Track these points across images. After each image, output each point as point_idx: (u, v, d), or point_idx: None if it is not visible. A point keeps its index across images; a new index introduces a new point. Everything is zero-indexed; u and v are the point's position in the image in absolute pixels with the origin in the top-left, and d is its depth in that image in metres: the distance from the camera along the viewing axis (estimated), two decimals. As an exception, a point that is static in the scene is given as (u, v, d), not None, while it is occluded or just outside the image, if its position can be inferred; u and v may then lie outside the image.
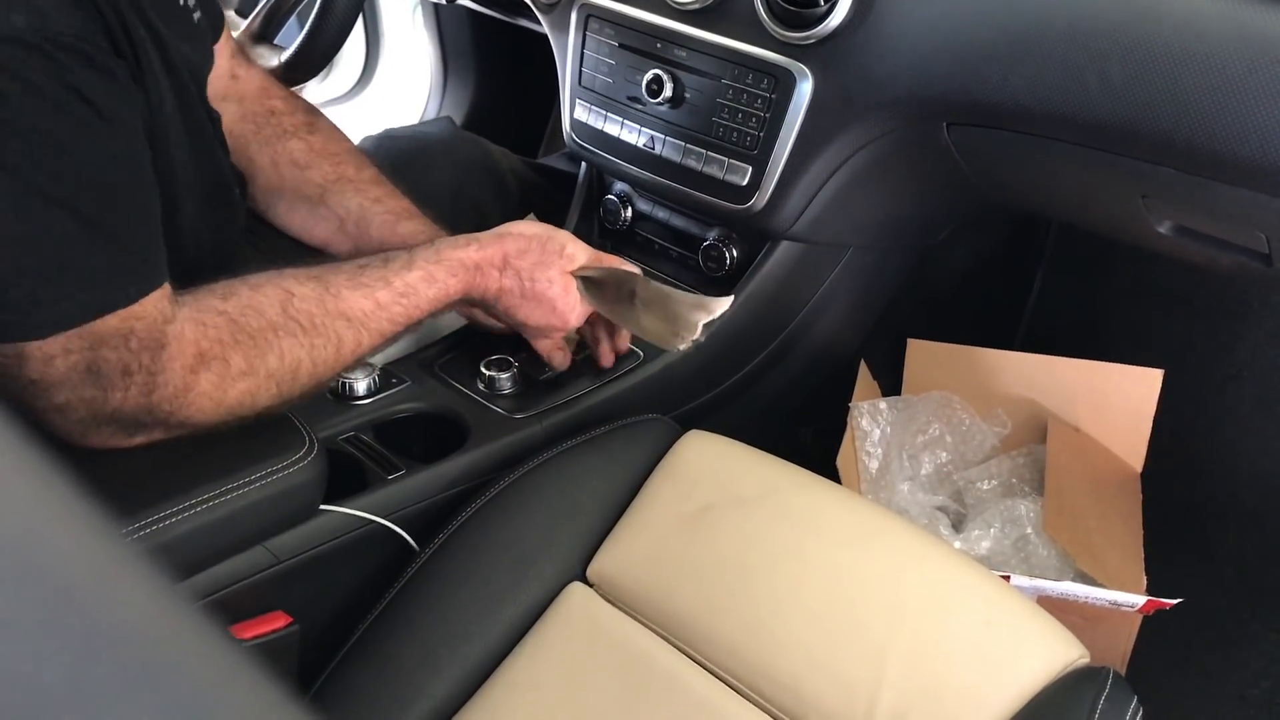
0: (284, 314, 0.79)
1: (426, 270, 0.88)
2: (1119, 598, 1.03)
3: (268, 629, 0.81)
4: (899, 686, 0.75)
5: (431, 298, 0.88)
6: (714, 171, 1.07)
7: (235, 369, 0.76)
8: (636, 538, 0.87)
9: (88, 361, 0.70)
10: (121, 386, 0.72)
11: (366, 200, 1.04)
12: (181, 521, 0.74)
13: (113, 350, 0.71)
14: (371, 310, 0.84)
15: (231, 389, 0.76)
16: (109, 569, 0.23)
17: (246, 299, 0.78)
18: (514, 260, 0.92)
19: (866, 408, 1.23)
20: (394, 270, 0.86)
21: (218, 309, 0.76)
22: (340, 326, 0.82)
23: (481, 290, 0.91)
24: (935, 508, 1.22)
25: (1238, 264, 0.92)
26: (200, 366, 0.74)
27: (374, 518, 0.87)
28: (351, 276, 0.84)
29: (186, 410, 0.75)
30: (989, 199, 1.15)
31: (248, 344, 0.77)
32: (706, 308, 0.96)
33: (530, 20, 1.31)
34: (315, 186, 1.04)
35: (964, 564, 0.83)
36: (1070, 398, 1.29)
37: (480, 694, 0.79)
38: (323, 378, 0.83)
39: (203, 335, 0.75)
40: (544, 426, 0.99)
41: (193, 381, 0.74)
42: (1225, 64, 0.76)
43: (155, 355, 0.72)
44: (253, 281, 0.80)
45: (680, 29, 1.06)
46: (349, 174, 1.05)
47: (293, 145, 1.05)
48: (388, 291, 0.85)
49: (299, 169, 1.04)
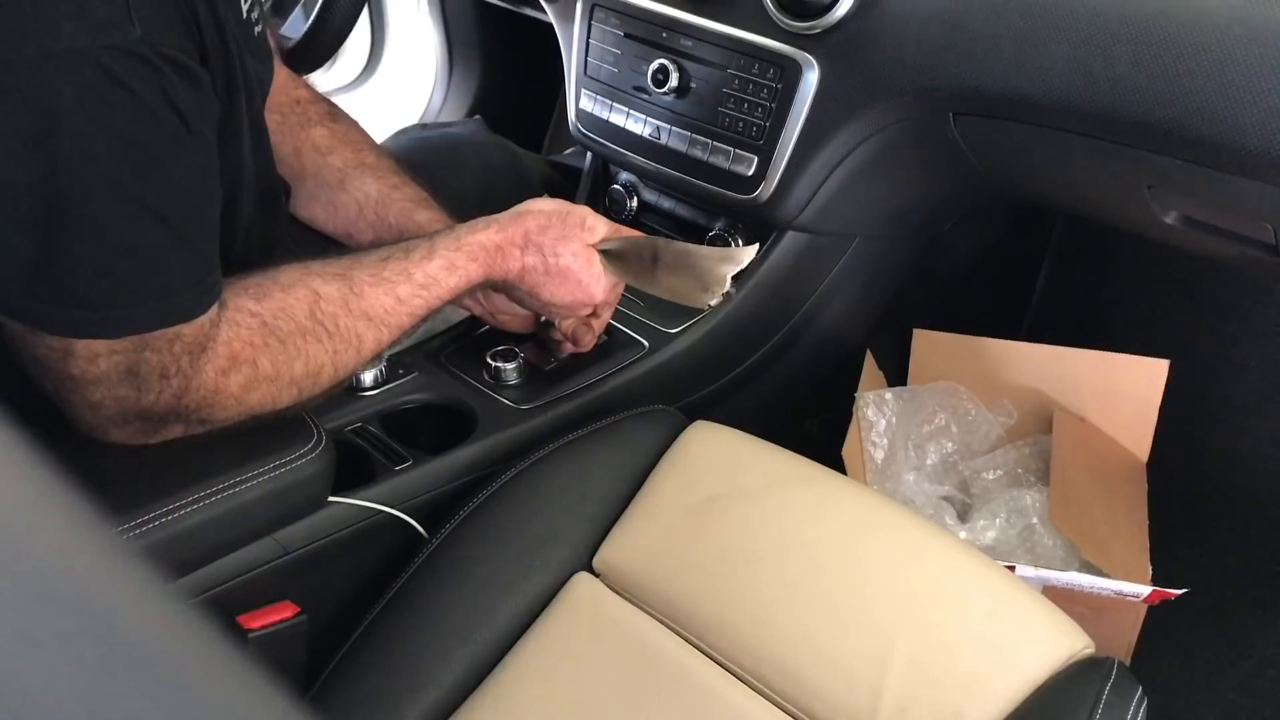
0: (312, 318, 0.79)
1: (447, 258, 0.87)
2: (1124, 588, 1.03)
3: (276, 619, 0.81)
4: (904, 676, 0.75)
5: (453, 286, 0.87)
6: (720, 161, 1.07)
7: (263, 372, 0.76)
8: (643, 528, 0.87)
9: (130, 363, 0.70)
10: (156, 388, 0.72)
11: (385, 186, 1.03)
12: (191, 514, 0.75)
13: (155, 353, 0.71)
14: (392, 307, 0.83)
15: (256, 391, 0.76)
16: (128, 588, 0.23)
17: (279, 301, 0.78)
18: (535, 237, 0.91)
19: (872, 398, 1.23)
20: (415, 261, 0.86)
21: (251, 310, 0.76)
22: (362, 327, 0.82)
23: (504, 272, 0.90)
24: (941, 498, 1.22)
25: (1244, 255, 0.92)
26: (231, 369, 0.75)
27: (382, 507, 0.88)
28: (375, 272, 0.84)
29: (212, 410, 0.75)
30: (995, 189, 1.15)
31: (277, 348, 0.77)
32: (733, 259, 0.94)
33: (536, 10, 1.31)
34: (336, 172, 1.03)
35: (969, 554, 0.83)
36: (1076, 388, 1.29)
37: (487, 683, 0.80)
38: (342, 379, 0.83)
39: (236, 337, 0.75)
40: (550, 417, 0.99)
41: (223, 383, 0.74)
42: (1233, 55, 0.75)
43: (195, 359, 0.72)
44: (283, 282, 0.79)
45: (686, 19, 1.06)
46: (369, 160, 1.05)
47: (315, 132, 1.05)
48: (408, 285, 0.84)
49: (321, 155, 1.04)
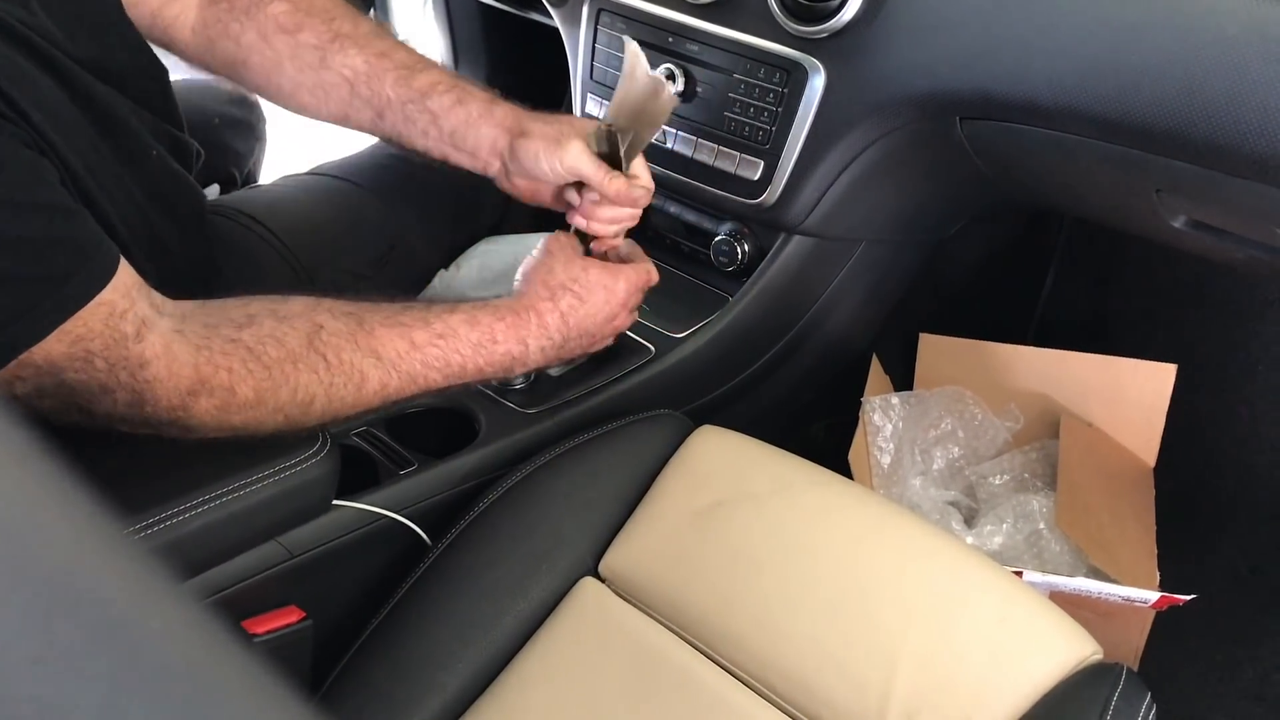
0: (308, 346, 0.76)
1: (470, 314, 0.84)
2: (1132, 593, 1.03)
3: (281, 624, 0.81)
4: (911, 682, 0.75)
5: (474, 341, 0.84)
6: (726, 166, 1.07)
7: (241, 398, 0.73)
8: (649, 533, 0.87)
9: (53, 385, 0.66)
10: (107, 404, 0.69)
11: (371, 55, 0.93)
12: (195, 517, 0.74)
13: (76, 374, 0.67)
14: (405, 351, 0.80)
15: (236, 416, 0.74)
16: (146, 597, 0.23)
17: (269, 329, 0.75)
18: (552, 280, 0.89)
19: (878, 402, 1.23)
20: (435, 312, 0.83)
21: (230, 337, 0.73)
22: (368, 365, 0.78)
23: (544, 332, 0.88)
24: (947, 503, 1.22)
25: (1252, 259, 0.92)
26: (201, 391, 0.72)
27: (387, 512, 0.88)
28: (389, 315, 0.81)
29: (188, 427, 0.73)
30: (1001, 193, 1.15)
31: (260, 374, 0.74)
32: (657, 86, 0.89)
33: (541, 14, 1.31)
34: (312, 50, 0.93)
35: (976, 560, 0.83)
36: (1083, 393, 1.29)
37: (493, 688, 0.80)
38: (340, 414, 0.79)
39: (205, 360, 0.72)
40: (555, 422, 0.99)
41: (190, 403, 0.72)
42: (1242, 59, 0.75)
43: (135, 373, 0.69)
44: (281, 312, 0.77)
45: (692, 23, 1.06)
46: (345, 30, 0.94)
47: (274, 9, 0.93)
48: (425, 332, 0.82)
49: (288, 34, 0.93)
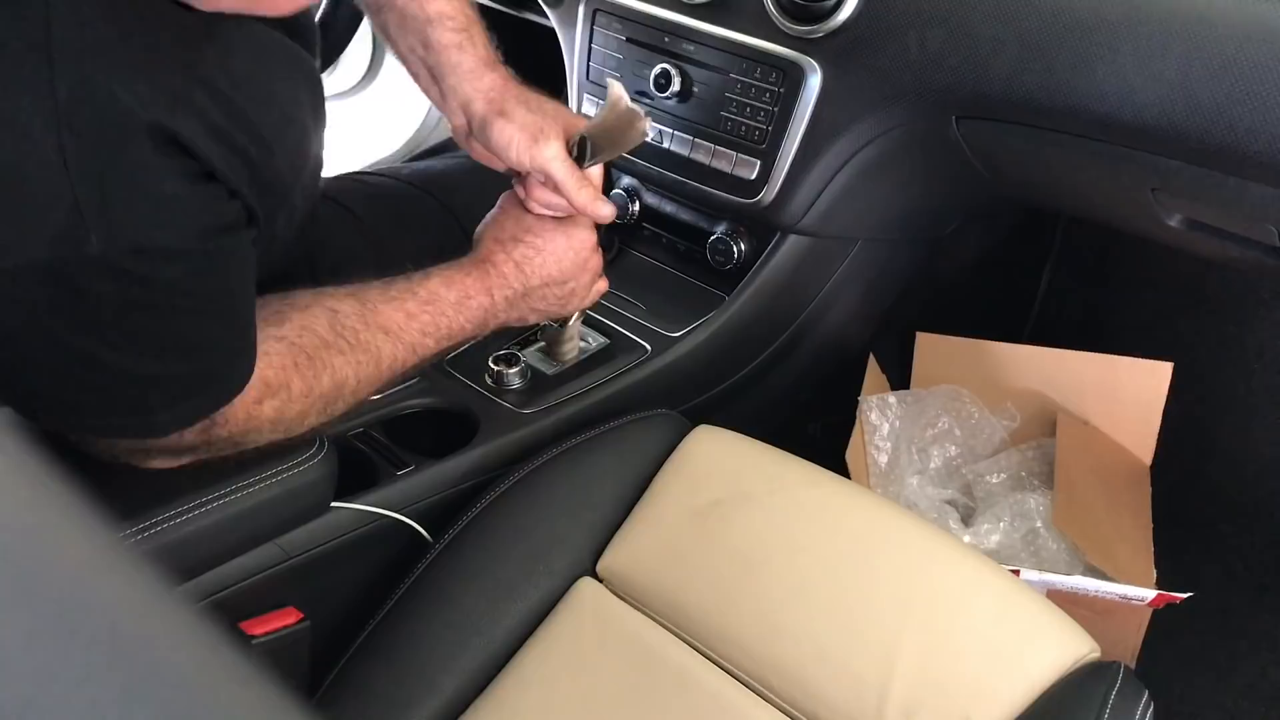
0: (333, 331, 0.79)
1: (444, 275, 0.88)
2: (1129, 591, 1.03)
3: (279, 625, 0.81)
4: (909, 681, 0.75)
5: (453, 301, 0.87)
6: (722, 165, 1.07)
7: (295, 392, 0.76)
8: (646, 532, 0.87)
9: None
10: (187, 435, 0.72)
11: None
12: (194, 519, 0.74)
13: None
14: (404, 322, 0.84)
15: (289, 411, 0.76)
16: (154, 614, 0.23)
17: (299, 320, 0.77)
18: (501, 234, 0.91)
19: (875, 401, 1.23)
20: (416, 280, 0.86)
21: (275, 335, 0.76)
22: (380, 340, 0.82)
23: (504, 281, 0.90)
24: (944, 501, 1.22)
25: (1248, 257, 0.92)
26: (265, 397, 0.74)
27: (385, 512, 0.88)
28: (383, 291, 0.84)
29: (244, 438, 0.75)
30: (998, 192, 1.15)
31: (305, 365, 0.76)
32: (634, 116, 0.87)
33: (537, 14, 1.31)
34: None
35: (973, 558, 0.83)
36: (1079, 391, 1.29)
37: (491, 688, 0.80)
38: (362, 395, 0.82)
39: (267, 365, 0.74)
40: (552, 421, 0.99)
41: (256, 411, 0.74)
42: (1238, 58, 0.75)
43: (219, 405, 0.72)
44: (298, 303, 0.79)
45: (688, 23, 1.06)
46: None
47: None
48: (414, 301, 0.85)
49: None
